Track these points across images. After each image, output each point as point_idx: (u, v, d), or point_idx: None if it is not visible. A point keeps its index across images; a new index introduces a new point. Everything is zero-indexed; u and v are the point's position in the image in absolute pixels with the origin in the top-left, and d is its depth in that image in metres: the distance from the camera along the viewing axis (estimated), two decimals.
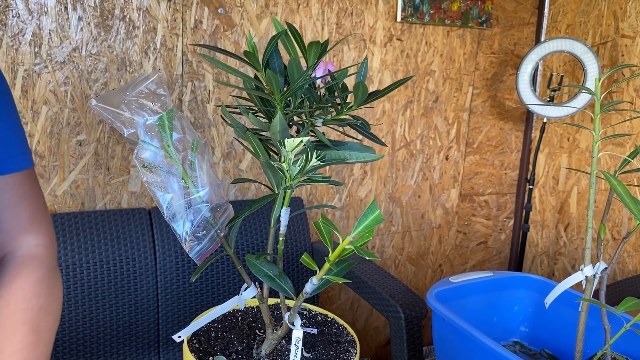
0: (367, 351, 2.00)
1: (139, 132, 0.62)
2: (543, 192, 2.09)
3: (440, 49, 1.86)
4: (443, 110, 1.93)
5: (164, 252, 1.41)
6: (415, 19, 1.76)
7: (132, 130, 0.62)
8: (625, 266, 1.79)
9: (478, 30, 1.92)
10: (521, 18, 1.99)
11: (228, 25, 1.52)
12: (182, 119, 0.65)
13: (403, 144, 1.88)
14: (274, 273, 0.66)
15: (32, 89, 1.33)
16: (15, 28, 1.29)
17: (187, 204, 0.64)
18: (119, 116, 0.60)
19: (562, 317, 0.91)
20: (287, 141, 0.58)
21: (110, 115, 0.61)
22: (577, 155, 1.96)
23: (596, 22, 1.84)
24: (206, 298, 1.46)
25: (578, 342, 0.73)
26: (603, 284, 0.73)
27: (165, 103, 0.64)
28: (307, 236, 1.59)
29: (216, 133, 1.56)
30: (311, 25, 1.63)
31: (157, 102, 0.62)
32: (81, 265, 1.32)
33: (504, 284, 0.97)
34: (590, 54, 1.67)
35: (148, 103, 0.62)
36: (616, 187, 0.65)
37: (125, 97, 0.61)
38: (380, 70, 1.77)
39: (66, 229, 1.33)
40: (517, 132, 2.11)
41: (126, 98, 0.61)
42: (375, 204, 0.51)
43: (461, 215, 2.09)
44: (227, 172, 1.60)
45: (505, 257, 2.25)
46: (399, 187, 1.91)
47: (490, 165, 2.09)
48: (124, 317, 1.37)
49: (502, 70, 2.00)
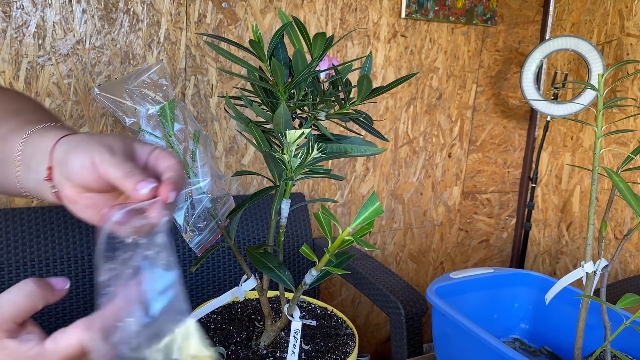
0: (368, 348, 2.00)
1: (140, 122, 0.62)
2: (546, 191, 2.08)
3: (444, 46, 1.86)
4: (446, 108, 1.92)
5: None
6: (419, 16, 1.75)
7: (134, 119, 0.62)
8: (627, 266, 1.79)
9: (482, 28, 1.91)
10: (526, 16, 1.99)
11: (232, 19, 1.52)
12: (184, 110, 0.65)
13: (406, 141, 1.88)
14: (274, 265, 0.66)
15: (35, 81, 1.34)
16: (19, 20, 1.29)
17: (188, 194, 0.64)
18: (121, 105, 0.61)
19: (562, 314, 0.91)
20: (289, 132, 0.58)
21: (112, 104, 0.61)
22: (580, 154, 1.95)
23: (601, 21, 1.83)
24: (205, 289, 1.46)
25: (578, 339, 0.73)
26: (604, 282, 0.72)
27: (168, 93, 0.64)
28: (308, 232, 1.59)
29: (219, 127, 1.56)
30: (315, 20, 1.63)
31: (160, 92, 0.62)
32: (83, 257, 1.32)
33: (505, 281, 0.97)
34: (595, 52, 1.66)
35: (150, 93, 0.62)
36: (618, 183, 0.65)
37: (127, 87, 0.61)
38: (384, 67, 1.77)
39: (68, 221, 1.33)
40: (521, 131, 2.10)
41: (128, 88, 0.61)
42: (375, 195, 0.51)
43: (463, 213, 2.08)
44: (230, 166, 1.60)
45: (507, 256, 2.25)
46: (401, 184, 1.91)
47: (493, 164, 2.09)
48: None
49: (507, 68, 2.00)
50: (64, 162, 0.46)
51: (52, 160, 0.48)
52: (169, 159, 0.47)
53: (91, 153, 0.45)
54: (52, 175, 0.48)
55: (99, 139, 0.47)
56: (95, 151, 0.45)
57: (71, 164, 0.46)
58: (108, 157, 0.44)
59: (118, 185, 0.44)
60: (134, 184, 0.43)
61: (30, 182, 0.51)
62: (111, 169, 0.44)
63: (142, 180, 0.43)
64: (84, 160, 0.45)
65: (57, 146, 0.48)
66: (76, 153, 0.46)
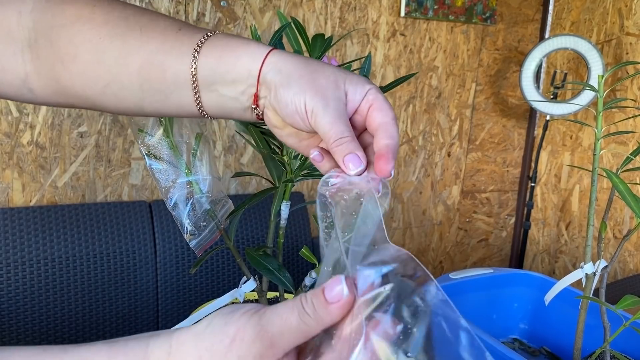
0: None
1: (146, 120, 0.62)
2: (545, 190, 2.09)
3: (443, 45, 1.85)
4: (446, 107, 1.92)
5: (164, 245, 1.41)
6: (419, 14, 1.75)
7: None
8: (626, 265, 1.79)
9: (482, 27, 1.91)
10: (525, 15, 1.98)
11: (231, 18, 1.51)
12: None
13: (405, 140, 1.87)
14: (274, 266, 0.66)
15: None
16: None
17: (189, 194, 0.64)
18: None
19: (561, 314, 0.91)
20: None
21: None
22: (579, 154, 1.95)
23: (601, 20, 1.83)
24: (205, 291, 1.46)
25: (577, 340, 0.73)
26: (603, 282, 0.72)
27: None
28: (307, 232, 1.59)
29: (217, 127, 1.56)
30: (314, 19, 1.62)
31: None
32: (81, 257, 1.32)
33: (504, 281, 0.96)
34: (594, 51, 1.66)
35: None
36: (617, 184, 0.64)
37: None
38: (383, 66, 1.76)
39: (67, 220, 1.33)
40: (520, 130, 2.10)
41: None
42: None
43: (462, 212, 2.08)
44: (228, 166, 1.60)
45: (506, 255, 2.25)
46: (401, 183, 1.91)
47: (492, 163, 2.09)
48: (123, 309, 1.37)
49: (506, 67, 2.00)
50: (275, 94, 0.43)
51: (259, 85, 0.44)
52: (384, 112, 0.43)
53: (304, 97, 0.42)
54: (257, 100, 0.45)
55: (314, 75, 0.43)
56: (309, 95, 0.42)
57: (283, 103, 0.43)
58: (321, 109, 0.41)
59: (327, 144, 0.42)
60: (343, 154, 0.41)
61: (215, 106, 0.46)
62: (322, 126, 0.41)
63: (351, 152, 0.41)
64: (297, 104, 0.42)
65: (263, 69, 0.44)
66: (289, 91, 0.42)
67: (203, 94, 0.46)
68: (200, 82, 0.45)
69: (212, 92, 0.46)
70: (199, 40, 0.45)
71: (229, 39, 0.46)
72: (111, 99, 0.47)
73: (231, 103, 0.46)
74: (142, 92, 0.46)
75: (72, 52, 0.46)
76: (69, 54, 0.47)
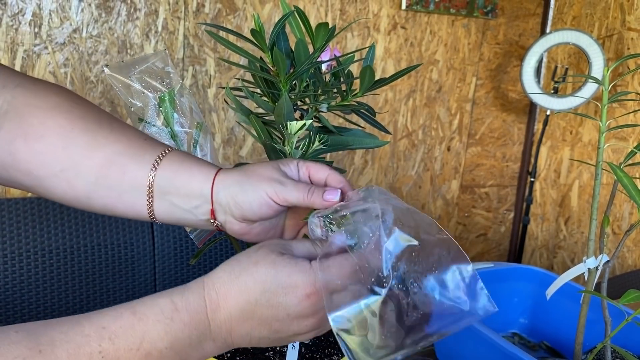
0: None
1: (149, 107, 0.61)
2: (544, 185, 2.08)
3: (444, 39, 1.84)
4: (446, 101, 1.91)
5: (162, 236, 1.40)
6: (420, 7, 1.74)
7: (140, 104, 0.61)
8: (625, 261, 1.79)
9: (483, 20, 1.90)
10: (527, 9, 1.97)
11: (230, 9, 1.50)
12: (190, 96, 0.64)
13: (405, 134, 1.87)
14: None
15: (31, 70, 1.32)
16: (15, 7, 1.27)
17: None
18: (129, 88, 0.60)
19: (561, 309, 0.91)
20: (291, 124, 0.57)
21: (121, 85, 0.60)
22: (579, 149, 1.95)
23: (602, 15, 1.82)
24: None
25: (578, 335, 0.73)
26: (605, 277, 0.72)
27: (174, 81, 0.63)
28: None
29: (217, 118, 1.55)
30: (315, 11, 1.61)
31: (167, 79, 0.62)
32: (79, 248, 1.31)
33: (505, 275, 0.96)
34: (595, 46, 1.65)
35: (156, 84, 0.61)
36: (622, 178, 0.64)
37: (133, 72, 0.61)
38: (384, 59, 1.75)
39: (64, 212, 1.32)
40: (520, 125, 2.10)
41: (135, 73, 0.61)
42: None
43: (461, 207, 2.08)
44: (227, 158, 1.59)
45: (504, 250, 2.25)
46: (400, 177, 1.90)
47: (492, 157, 2.08)
48: (121, 300, 1.37)
49: (507, 61, 1.99)
50: (235, 205, 0.49)
51: (213, 203, 0.50)
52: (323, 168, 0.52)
53: (261, 190, 0.49)
54: (214, 215, 0.51)
55: (256, 173, 0.50)
56: (264, 187, 0.49)
57: (247, 205, 0.49)
58: (280, 187, 0.49)
59: (303, 205, 0.49)
60: (321, 197, 0.49)
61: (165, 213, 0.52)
62: (290, 196, 0.49)
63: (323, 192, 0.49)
64: (260, 199, 0.49)
65: (214, 189, 0.50)
66: (247, 194, 0.49)
67: (156, 200, 0.51)
68: (155, 189, 0.51)
69: (165, 201, 0.51)
70: (161, 152, 0.51)
71: (185, 156, 0.53)
72: (63, 184, 0.51)
73: (183, 213, 0.52)
74: (95, 185, 0.51)
75: (40, 133, 0.50)
76: (36, 133, 0.50)
